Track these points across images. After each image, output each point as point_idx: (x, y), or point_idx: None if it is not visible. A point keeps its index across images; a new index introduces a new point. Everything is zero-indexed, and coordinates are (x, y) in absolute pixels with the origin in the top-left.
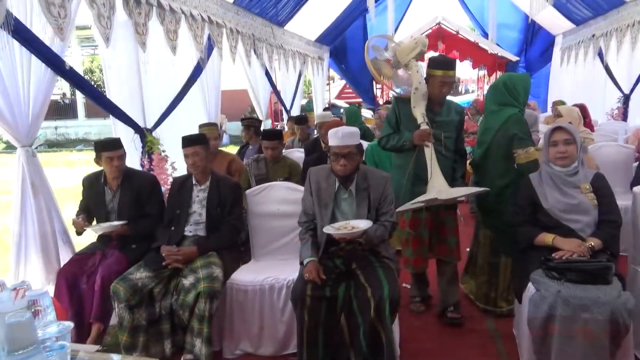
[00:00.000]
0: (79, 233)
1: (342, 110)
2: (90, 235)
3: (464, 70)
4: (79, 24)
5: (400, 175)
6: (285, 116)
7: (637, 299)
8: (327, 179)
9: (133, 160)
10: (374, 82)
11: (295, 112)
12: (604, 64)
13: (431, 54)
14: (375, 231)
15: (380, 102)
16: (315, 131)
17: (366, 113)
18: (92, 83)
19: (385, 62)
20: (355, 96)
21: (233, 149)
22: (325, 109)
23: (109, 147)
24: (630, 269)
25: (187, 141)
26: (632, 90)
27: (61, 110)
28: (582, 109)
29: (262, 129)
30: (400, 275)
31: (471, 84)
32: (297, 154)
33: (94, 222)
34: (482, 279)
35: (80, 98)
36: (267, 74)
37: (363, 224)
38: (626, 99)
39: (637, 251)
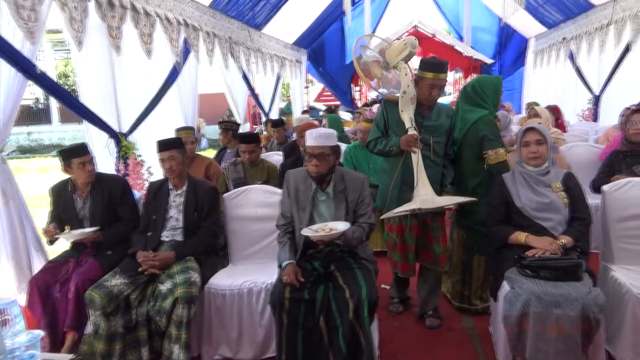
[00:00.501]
0: (51, 242)
1: (320, 113)
2: (64, 243)
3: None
4: (52, 27)
5: (387, 180)
6: (263, 119)
7: (607, 295)
8: (304, 181)
9: (108, 165)
10: (352, 85)
11: (274, 115)
12: (575, 66)
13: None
14: (353, 233)
15: (359, 104)
16: (294, 134)
17: (345, 116)
18: (67, 87)
19: (374, 62)
20: (334, 99)
21: (211, 153)
22: (304, 112)
23: (79, 153)
24: (600, 266)
25: (163, 145)
26: (601, 92)
27: (34, 115)
28: (555, 110)
29: (239, 132)
30: (379, 277)
31: (447, 86)
32: (276, 157)
33: (67, 230)
34: (456, 278)
35: (54, 103)
36: (245, 77)
37: (341, 226)
38: (596, 100)
39: (607, 248)
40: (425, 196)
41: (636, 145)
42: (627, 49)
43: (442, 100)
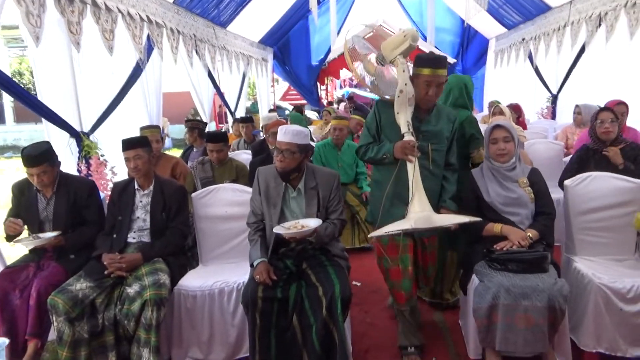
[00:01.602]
0: (10, 238)
1: (286, 112)
2: (22, 247)
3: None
4: (6, 23)
5: (379, 193)
6: (230, 118)
7: (570, 285)
8: (275, 179)
9: (69, 165)
10: (318, 84)
11: (240, 114)
12: (534, 66)
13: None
14: (325, 229)
15: (325, 103)
16: (261, 133)
17: (311, 115)
18: (22, 86)
19: (367, 56)
20: (300, 97)
21: (176, 153)
22: (270, 111)
23: (29, 163)
24: (563, 258)
25: (128, 144)
26: (559, 91)
27: None
28: (517, 108)
29: (206, 131)
30: (350, 273)
31: None
32: (244, 156)
33: (24, 234)
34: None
35: (8, 102)
36: (210, 75)
37: (313, 223)
38: (554, 98)
39: (569, 240)
40: (420, 213)
41: (605, 143)
42: (582, 50)
43: None
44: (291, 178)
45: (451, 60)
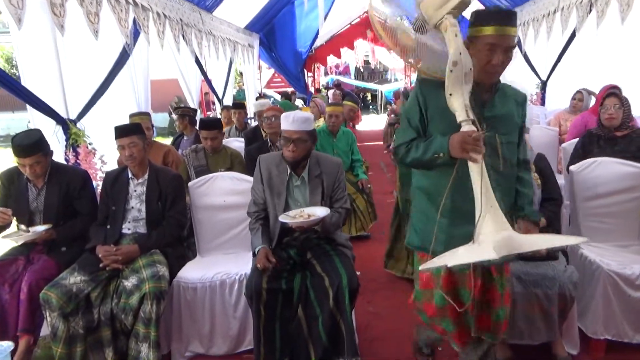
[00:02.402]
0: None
1: (272, 100)
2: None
3: (392, 59)
4: None
5: (428, 206)
6: (218, 106)
7: (578, 272)
8: (278, 167)
9: (57, 154)
10: (305, 71)
11: (228, 101)
12: (523, 52)
13: (361, 42)
14: (331, 218)
15: (312, 90)
16: (252, 120)
17: (297, 102)
18: (13, 74)
19: (401, 22)
20: (285, 85)
21: (162, 141)
22: (257, 98)
23: (19, 154)
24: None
25: (122, 131)
26: (548, 77)
27: None
28: None
29: (200, 118)
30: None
31: (398, 72)
32: (237, 144)
33: (13, 225)
34: None
35: None
36: (197, 61)
37: (320, 211)
38: (544, 85)
39: (576, 227)
40: (497, 235)
41: (609, 129)
42: (573, 36)
43: (393, 86)
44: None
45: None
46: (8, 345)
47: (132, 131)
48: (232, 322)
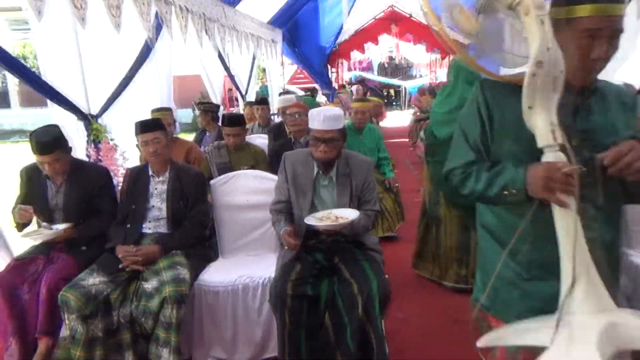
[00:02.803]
0: (21, 226)
1: (294, 96)
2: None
3: (417, 54)
4: (9, 4)
5: (495, 251)
6: (240, 102)
7: (630, 281)
8: (304, 165)
9: (78, 150)
10: (329, 67)
11: (251, 97)
12: None
13: (385, 37)
14: (360, 221)
15: (335, 86)
16: (276, 116)
17: (320, 99)
18: (32, 70)
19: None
20: (308, 81)
21: (185, 137)
22: (280, 94)
23: (38, 151)
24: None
25: (146, 127)
26: None
27: None
28: None
29: (223, 114)
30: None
31: (422, 68)
32: (260, 140)
33: (34, 222)
34: (450, 258)
35: (13, 86)
36: (220, 56)
37: (349, 214)
38: None
39: (625, 233)
40: (600, 323)
41: None
42: None
43: (418, 82)
44: None
45: (465, 41)
46: None
47: (156, 126)
48: (255, 328)
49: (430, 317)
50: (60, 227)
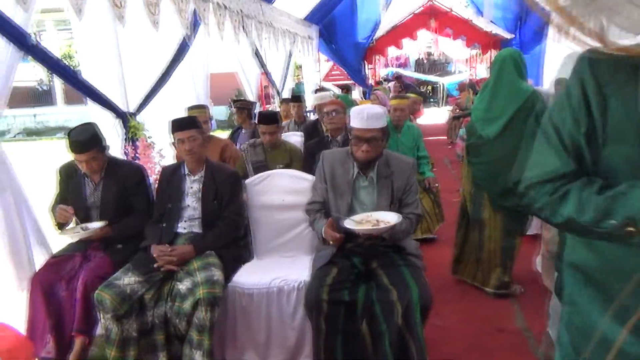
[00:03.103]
0: (60, 225)
1: (331, 93)
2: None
3: (456, 49)
4: (54, 6)
5: (589, 300)
6: (276, 99)
7: None
8: (343, 164)
9: (115, 147)
10: (365, 63)
11: (286, 94)
12: None
13: (423, 32)
14: (401, 226)
15: (372, 83)
16: (311, 114)
17: (355, 95)
18: (71, 68)
19: None
20: (343, 78)
21: (220, 135)
22: (316, 91)
23: (76, 150)
24: None
25: (181, 124)
26: None
27: (39, 97)
28: None
29: (259, 111)
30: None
31: (460, 64)
32: (295, 138)
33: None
34: (493, 263)
35: (58, 84)
36: (257, 53)
37: (391, 218)
38: None
39: None
40: None
41: None
42: None
43: (456, 78)
44: None
45: (508, 35)
46: None
47: (192, 124)
48: (289, 332)
49: (472, 326)
50: (97, 225)
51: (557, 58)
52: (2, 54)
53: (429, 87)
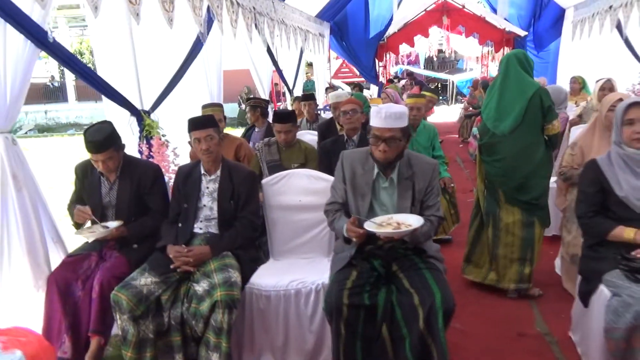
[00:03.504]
0: (78, 225)
1: (347, 91)
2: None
3: (468, 47)
4: (67, 2)
5: None
6: (288, 97)
7: None
8: (363, 165)
9: (130, 146)
10: (377, 60)
11: (298, 92)
12: (624, 37)
13: (434, 29)
14: (422, 228)
15: (383, 81)
16: (322, 112)
17: (366, 93)
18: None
19: None
20: (352, 75)
21: (230, 132)
22: (327, 89)
23: (92, 149)
24: None
25: (198, 123)
26: None
27: (50, 93)
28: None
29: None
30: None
31: (472, 62)
32: (309, 137)
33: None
34: (510, 258)
35: (70, 80)
36: (269, 51)
37: (412, 220)
38: None
39: None
40: None
41: None
42: None
43: (467, 75)
44: None
45: (521, 33)
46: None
47: (209, 123)
48: (307, 335)
49: (491, 329)
50: (113, 225)
51: (571, 56)
52: (21, 51)
53: (439, 85)
